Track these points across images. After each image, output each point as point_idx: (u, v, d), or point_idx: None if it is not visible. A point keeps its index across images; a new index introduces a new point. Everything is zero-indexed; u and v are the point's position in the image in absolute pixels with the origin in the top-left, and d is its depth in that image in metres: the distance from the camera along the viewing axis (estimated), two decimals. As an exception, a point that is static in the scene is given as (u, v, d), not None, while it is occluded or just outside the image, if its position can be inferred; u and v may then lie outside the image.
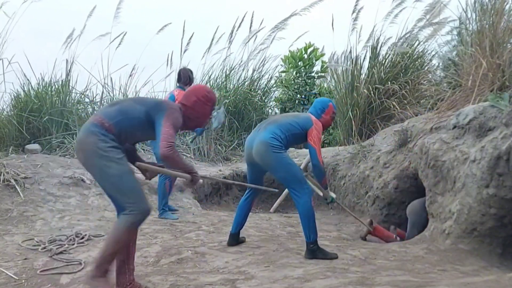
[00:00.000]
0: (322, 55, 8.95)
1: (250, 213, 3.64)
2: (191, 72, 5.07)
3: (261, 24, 8.17)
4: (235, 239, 3.63)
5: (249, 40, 8.14)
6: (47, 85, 7.29)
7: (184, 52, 7.88)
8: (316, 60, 8.94)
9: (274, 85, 8.76)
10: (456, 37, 6.46)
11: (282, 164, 3.29)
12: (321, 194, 3.81)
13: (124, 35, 7.52)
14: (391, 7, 6.51)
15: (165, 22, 7.82)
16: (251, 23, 8.12)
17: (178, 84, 5.03)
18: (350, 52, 6.79)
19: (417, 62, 6.71)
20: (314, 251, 3.27)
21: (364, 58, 6.76)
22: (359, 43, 6.89)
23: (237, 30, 8.08)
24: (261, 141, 3.32)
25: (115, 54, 7.52)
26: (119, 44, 7.52)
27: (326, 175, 3.55)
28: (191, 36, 7.88)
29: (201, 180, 2.55)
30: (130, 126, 2.39)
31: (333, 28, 7.08)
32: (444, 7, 5.72)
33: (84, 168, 2.44)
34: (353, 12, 6.88)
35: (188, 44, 7.87)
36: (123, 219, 2.30)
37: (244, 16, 8.06)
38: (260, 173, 3.59)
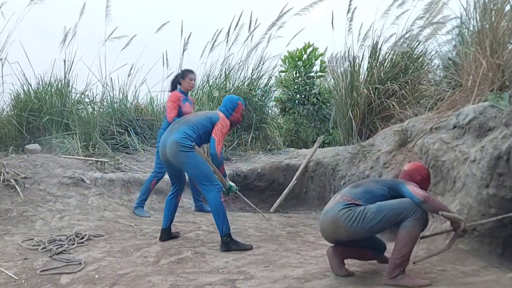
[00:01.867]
0: (322, 54, 8.93)
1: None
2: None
3: (256, 21, 8.16)
4: (167, 234, 3.83)
5: (246, 39, 8.14)
6: (46, 85, 7.29)
7: (184, 51, 7.89)
8: (315, 60, 8.92)
9: (274, 85, 8.75)
10: (456, 37, 6.45)
11: (192, 162, 3.54)
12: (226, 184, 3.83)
13: (133, 37, 7.52)
14: (389, 5, 6.50)
15: (164, 21, 7.83)
16: (250, 22, 8.12)
17: (179, 88, 5.04)
18: (349, 52, 6.79)
19: (417, 63, 6.70)
20: (228, 243, 3.48)
21: (363, 58, 6.76)
22: (358, 42, 6.88)
23: (234, 30, 8.08)
24: (173, 141, 3.56)
25: (114, 53, 7.53)
26: (126, 45, 7.51)
27: (223, 164, 3.76)
28: (189, 36, 7.88)
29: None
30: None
31: (333, 27, 7.07)
32: (444, 6, 5.71)
33: (347, 238, 2.69)
34: (348, 12, 6.87)
35: (186, 44, 7.87)
36: (411, 224, 2.52)
37: (241, 15, 8.06)
38: (178, 170, 3.82)
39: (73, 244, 3.71)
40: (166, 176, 5.69)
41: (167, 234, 3.84)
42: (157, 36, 7.79)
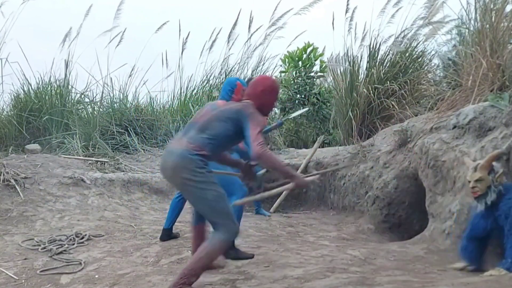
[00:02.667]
0: (321, 54, 8.94)
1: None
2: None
3: (252, 20, 8.17)
4: (168, 234, 3.83)
5: (247, 41, 8.15)
6: (46, 85, 7.29)
7: (183, 51, 7.90)
8: (315, 60, 8.93)
9: (274, 85, 8.75)
10: (456, 37, 6.46)
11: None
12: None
13: (124, 31, 7.53)
14: (385, 3, 6.52)
15: (164, 20, 7.85)
16: (250, 22, 8.12)
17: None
18: (348, 52, 6.80)
19: (416, 62, 6.70)
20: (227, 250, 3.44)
21: (361, 57, 6.76)
22: (355, 41, 6.90)
23: (233, 29, 8.08)
24: None
25: (114, 53, 7.53)
26: (120, 41, 7.53)
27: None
28: (187, 36, 7.90)
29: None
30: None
31: (333, 27, 7.08)
32: (443, 5, 5.70)
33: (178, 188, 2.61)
34: (347, 12, 6.89)
35: (185, 43, 7.89)
36: (216, 240, 2.42)
37: (239, 15, 8.07)
38: None
39: (73, 244, 3.71)
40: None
41: (167, 234, 3.84)
42: (157, 36, 7.82)
